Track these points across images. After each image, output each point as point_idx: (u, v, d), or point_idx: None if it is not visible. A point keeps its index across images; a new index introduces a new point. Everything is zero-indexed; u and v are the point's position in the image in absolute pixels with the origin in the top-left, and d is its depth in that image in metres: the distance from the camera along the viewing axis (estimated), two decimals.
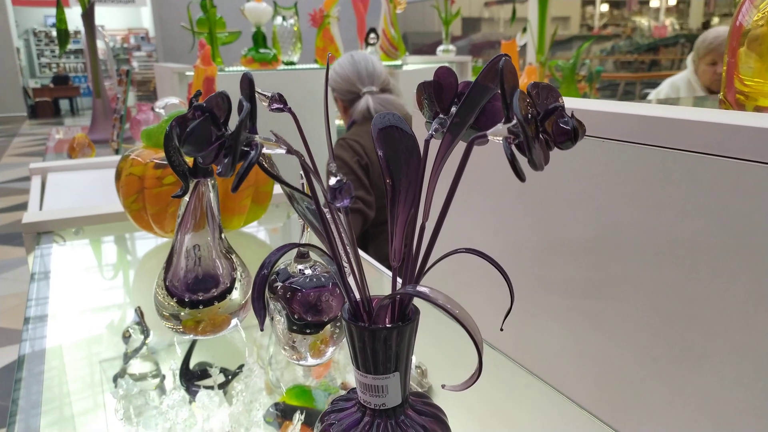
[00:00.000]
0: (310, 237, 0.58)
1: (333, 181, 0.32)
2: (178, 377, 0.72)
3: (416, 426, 0.41)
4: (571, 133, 0.29)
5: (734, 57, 0.56)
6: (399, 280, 0.40)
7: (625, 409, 0.47)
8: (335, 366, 0.79)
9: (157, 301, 0.62)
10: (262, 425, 0.62)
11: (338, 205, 0.32)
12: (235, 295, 0.63)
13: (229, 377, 0.74)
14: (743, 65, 0.55)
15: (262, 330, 0.33)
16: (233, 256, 0.65)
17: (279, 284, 0.55)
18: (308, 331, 0.54)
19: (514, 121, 0.32)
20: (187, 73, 2.18)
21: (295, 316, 0.54)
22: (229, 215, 0.92)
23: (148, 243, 1.11)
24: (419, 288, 0.35)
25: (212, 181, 0.62)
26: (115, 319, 0.91)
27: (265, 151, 0.33)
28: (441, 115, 0.42)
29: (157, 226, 0.91)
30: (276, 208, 1.26)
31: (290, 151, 0.34)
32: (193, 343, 0.78)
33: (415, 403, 0.43)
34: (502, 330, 0.39)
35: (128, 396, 0.67)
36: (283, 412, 0.66)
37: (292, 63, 2.42)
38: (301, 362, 0.58)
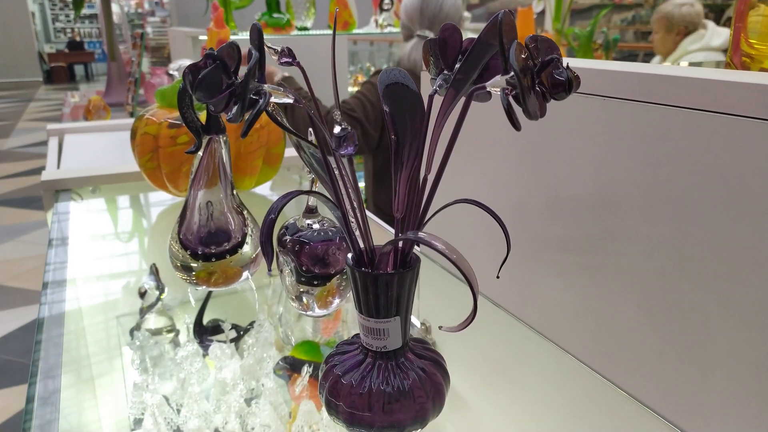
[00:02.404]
0: (320, 190, 0.60)
1: (337, 129, 0.33)
2: (192, 331, 0.74)
3: (415, 368, 0.43)
4: (565, 84, 0.30)
5: (741, 21, 0.56)
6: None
7: (619, 360, 0.49)
8: (343, 324, 0.82)
9: (172, 252, 0.65)
10: (272, 377, 0.64)
11: (342, 153, 0.34)
12: (246, 249, 0.65)
13: (241, 332, 0.77)
14: (751, 29, 0.56)
15: (270, 272, 0.35)
16: (245, 212, 0.67)
17: (288, 238, 0.57)
18: (316, 282, 0.57)
19: (512, 73, 0.33)
20: (201, 37, 2.19)
21: (303, 269, 0.56)
22: (240, 175, 0.94)
23: (163, 202, 1.13)
24: (419, 234, 0.36)
25: (224, 138, 0.64)
26: (131, 277, 0.94)
27: (273, 100, 0.34)
28: (445, 72, 0.43)
29: (171, 184, 0.93)
30: (287, 171, 1.28)
31: (297, 100, 0.35)
32: (206, 299, 0.81)
33: (415, 348, 0.45)
34: (498, 278, 0.40)
35: (144, 347, 0.70)
36: (292, 366, 0.69)
37: (305, 28, 2.41)
38: (308, 312, 0.60)
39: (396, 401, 0.41)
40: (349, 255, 0.42)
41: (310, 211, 0.58)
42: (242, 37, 2.23)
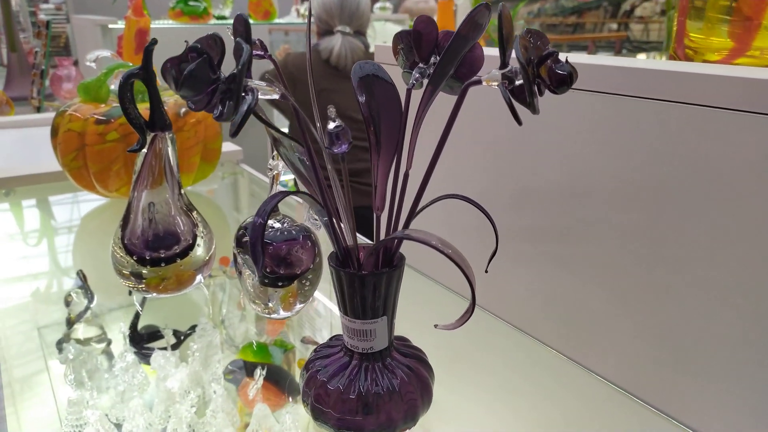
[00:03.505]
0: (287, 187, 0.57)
1: (332, 125, 0.32)
2: (128, 340, 0.70)
3: (402, 367, 0.42)
4: (567, 78, 0.30)
5: (684, 15, 0.59)
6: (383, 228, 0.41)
7: (591, 345, 0.50)
8: (289, 323, 0.80)
9: (115, 260, 0.60)
10: (222, 382, 0.62)
11: (336, 151, 0.32)
12: (199, 251, 0.62)
13: (182, 338, 0.73)
14: (691, 23, 0.58)
15: (260, 279, 0.33)
16: (194, 213, 0.63)
17: (249, 239, 0.55)
18: (280, 284, 0.54)
19: (509, 67, 0.32)
20: (111, 26, 2.06)
21: (267, 270, 0.54)
22: None
23: (89, 203, 1.05)
24: (414, 232, 0.36)
25: (170, 135, 0.60)
26: (54, 285, 0.87)
27: (260, 96, 0.32)
28: (421, 65, 0.42)
29: (100, 184, 0.87)
30: (221, 166, 1.23)
31: (284, 96, 0.33)
32: (141, 305, 0.77)
33: (399, 346, 0.44)
34: (486, 272, 0.40)
35: (77, 360, 0.65)
36: (242, 369, 0.67)
37: (223, 17, 2.32)
38: (272, 315, 0.58)
39: (387, 402, 0.40)
40: (332, 253, 0.40)
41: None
42: (156, 26, 2.11)
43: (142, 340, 0.74)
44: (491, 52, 0.51)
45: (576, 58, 0.47)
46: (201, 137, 0.89)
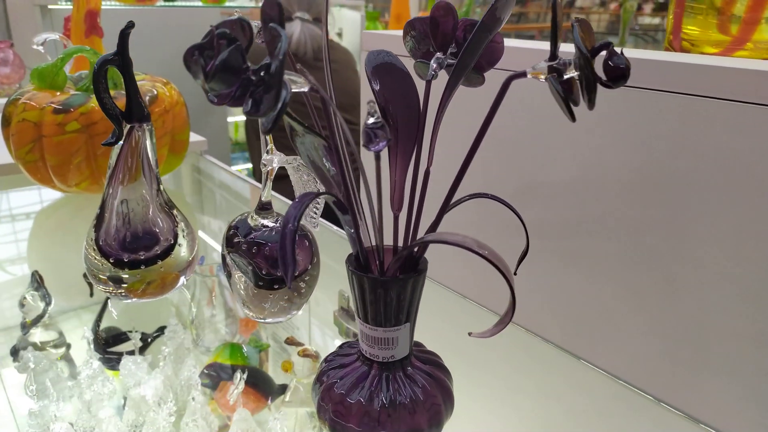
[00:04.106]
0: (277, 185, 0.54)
1: (370, 120, 0.29)
2: (92, 345, 0.65)
3: (422, 373, 0.40)
4: (626, 72, 0.28)
5: (681, 7, 0.58)
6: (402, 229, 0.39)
7: (600, 342, 0.49)
8: (260, 323, 0.77)
9: (90, 263, 0.56)
10: (199, 386, 0.58)
11: (373, 149, 0.30)
12: (182, 251, 0.58)
13: (149, 340, 0.69)
14: (688, 16, 0.58)
15: (289, 287, 0.30)
16: (174, 210, 0.59)
17: (241, 239, 0.51)
18: (276, 286, 0.51)
19: (559, 59, 0.30)
20: (51, 6, 1.93)
21: (263, 272, 0.50)
22: None
23: (43, 198, 0.98)
24: (448, 235, 0.33)
25: (149, 126, 0.55)
26: (8, 286, 0.81)
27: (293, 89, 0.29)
28: (439, 55, 0.40)
29: (58, 179, 0.80)
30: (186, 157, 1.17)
31: (314, 89, 0.30)
32: (103, 308, 0.72)
33: (416, 352, 0.42)
34: (515, 274, 0.38)
35: (38, 369, 0.60)
36: (218, 372, 0.63)
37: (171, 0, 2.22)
38: (267, 320, 0.54)
39: (412, 411, 0.38)
40: (351, 257, 0.37)
41: (264, 208, 0.52)
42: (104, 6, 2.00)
43: (107, 344, 0.70)
44: None
45: None
46: (169, 128, 0.83)
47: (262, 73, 0.26)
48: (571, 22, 0.30)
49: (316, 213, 0.51)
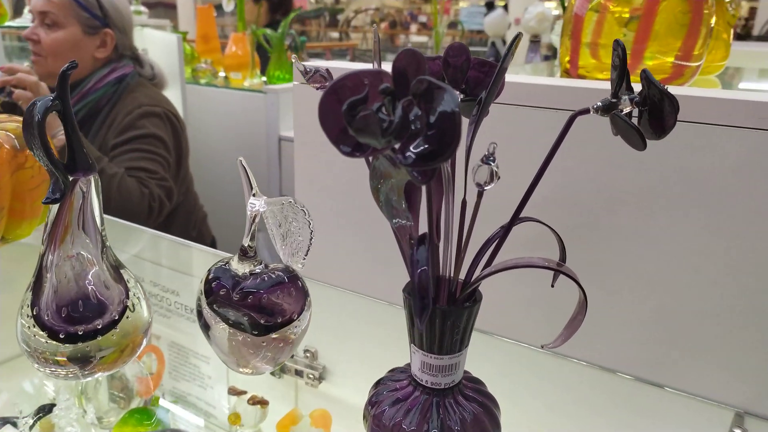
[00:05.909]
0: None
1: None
2: None
3: (473, 396, 0.42)
4: (677, 110, 0.34)
5: (576, 40, 0.69)
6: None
7: (584, 339, 0.56)
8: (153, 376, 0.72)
9: (38, 345, 0.47)
10: None
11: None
12: (144, 311, 0.52)
13: (35, 420, 0.60)
14: (583, 47, 0.68)
15: (420, 328, 0.30)
16: (122, 270, 0.53)
17: (229, 291, 0.48)
18: (275, 336, 0.49)
19: (632, 96, 0.35)
20: None
21: (263, 321, 0.48)
22: (17, 220, 0.71)
23: None
24: (519, 260, 0.36)
25: (95, 177, 0.49)
26: None
27: None
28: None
29: None
30: None
31: None
32: None
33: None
34: (553, 287, 0.43)
35: None
36: None
37: None
38: (253, 372, 0.51)
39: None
40: (405, 289, 0.38)
41: (246, 255, 0.50)
42: None
43: None
44: None
45: (543, 80, 0.52)
46: (46, 175, 0.73)
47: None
48: (641, 71, 0.35)
49: (307, 252, 0.50)
